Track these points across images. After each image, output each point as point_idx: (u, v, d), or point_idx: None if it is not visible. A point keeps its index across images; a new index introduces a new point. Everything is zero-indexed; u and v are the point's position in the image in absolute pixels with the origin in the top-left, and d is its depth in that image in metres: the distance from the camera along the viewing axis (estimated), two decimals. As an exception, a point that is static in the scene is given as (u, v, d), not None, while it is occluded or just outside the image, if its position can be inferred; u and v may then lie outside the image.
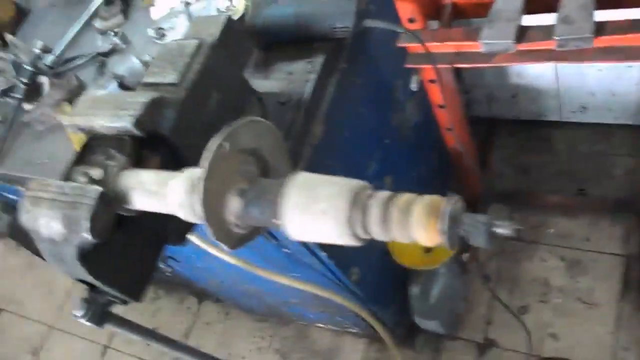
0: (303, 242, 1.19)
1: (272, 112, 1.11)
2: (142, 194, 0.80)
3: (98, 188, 0.78)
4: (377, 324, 1.60)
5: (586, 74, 1.76)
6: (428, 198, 0.61)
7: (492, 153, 2.06)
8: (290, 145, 1.07)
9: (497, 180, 2.00)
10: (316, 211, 0.64)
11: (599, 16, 1.08)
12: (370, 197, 0.64)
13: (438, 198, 0.61)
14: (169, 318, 2.35)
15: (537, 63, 1.18)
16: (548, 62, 1.20)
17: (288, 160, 0.82)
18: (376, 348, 1.94)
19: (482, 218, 0.58)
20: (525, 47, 1.14)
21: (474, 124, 1.82)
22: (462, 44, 1.23)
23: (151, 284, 1.15)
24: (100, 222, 0.78)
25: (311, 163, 1.12)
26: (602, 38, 1.08)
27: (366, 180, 0.66)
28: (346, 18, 1.11)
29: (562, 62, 1.16)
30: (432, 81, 1.42)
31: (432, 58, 1.20)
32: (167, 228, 0.94)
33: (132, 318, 0.98)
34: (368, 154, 1.38)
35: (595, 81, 1.78)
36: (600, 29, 1.07)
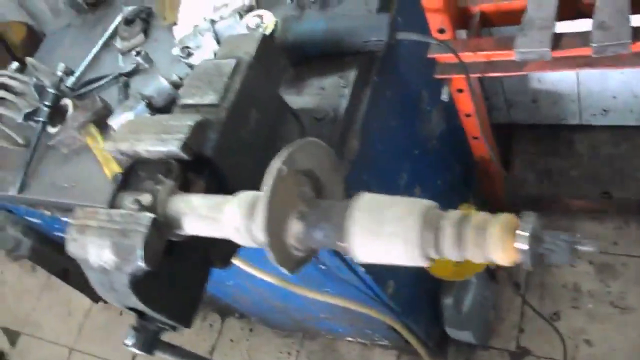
0: (342, 258, 1.18)
1: (309, 129, 1.10)
2: (194, 219, 0.79)
3: (150, 215, 0.77)
4: (411, 336, 1.58)
5: (609, 77, 1.75)
6: (504, 217, 0.60)
7: (513, 159, 2.05)
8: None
9: (520, 186, 1.98)
10: (385, 233, 0.63)
11: (635, 21, 1.07)
12: (441, 217, 0.62)
13: (513, 217, 0.60)
14: (192, 336, 2.33)
15: (570, 70, 1.17)
16: (581, 69, 1.19)
17: (341, 179, 0.81)
18: (406, 360, 1.92)
19: (564, 236, 0.56)
20: (560, 54, 1.14)
21: (494, 131, 1.81)
22: (494, 53, 1.22)
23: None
24: (152, 249, 0.77)
25: (349, 179, 1.10)
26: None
27: (398, 191, 0.65)
28: (380, 31, 1.10)
29: (596, 69, 1.15)
30: (460, 91, 1.41)
31: (465, 68, 1.19)
32: (212, 252, 0.93)
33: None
34: (399, 166, 1.37)
35: (617, 84, 1.77)
36: (637, 34, 1.06)
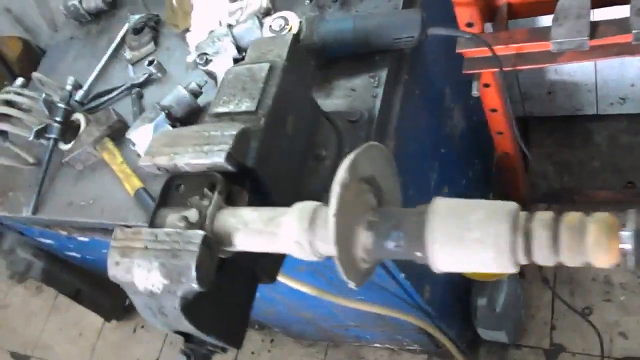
0: (383, 265, 1.13)
1: (344, 132, 1.06)
2: (248, 234, 0.74)
3: (201, 232, 0.72)
4: (446, 339, 1.54)
5: (627, 65, 1.73)
6: (601, 216, 0.56)
7: (531, 152, 2.01)
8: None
9: (541, 180, 1.95)
10: (471, 240, 0.59)
11: (674, 5, 1.04)
12: (529, 220, 0.58)
13: (611, 215, 0.56)
14: (211, 351, 2.27)
15: (607, 59, 1.14)
16: (617, 57, 1.15)
17: (399, 185, 0.77)
18: (437, 363, 1.87)
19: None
20: (598, 43, 1.10)
21: (511, 125, 1.78)
22: (527, 45, 1.18)
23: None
24: (205, 269, 0.72)
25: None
26: (680, 28, 1.04)
27: (430, 192, 0.61)
28: (414, 27, 1.06)
29: (634, 56, 1.12)
30: (487, 85, 1.37)
31: (499, 61, 1.15)
32: (258, 267, 0.88)
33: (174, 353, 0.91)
34: (430, 165, 1.33)
35: (636, 71, 1.74)
36: (678, 18, 1.03)
